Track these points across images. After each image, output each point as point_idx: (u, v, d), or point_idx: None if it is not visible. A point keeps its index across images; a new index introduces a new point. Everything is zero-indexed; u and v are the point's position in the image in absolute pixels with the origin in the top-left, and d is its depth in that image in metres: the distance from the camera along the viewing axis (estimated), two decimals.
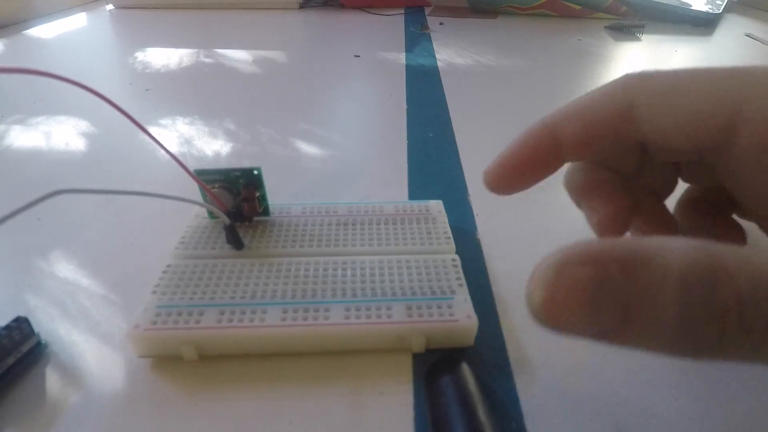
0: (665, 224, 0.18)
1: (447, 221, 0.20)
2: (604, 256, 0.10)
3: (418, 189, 0.25)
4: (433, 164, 0.28)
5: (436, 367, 0.15)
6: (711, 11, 0.61)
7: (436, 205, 0.21)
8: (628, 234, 0.18)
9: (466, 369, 0.14)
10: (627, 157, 0.18)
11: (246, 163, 0.28)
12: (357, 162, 0.28)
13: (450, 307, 0.16)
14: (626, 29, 0.57)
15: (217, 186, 0.18)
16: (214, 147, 0.29)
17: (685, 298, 0.10)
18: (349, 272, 0.17)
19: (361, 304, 0.16)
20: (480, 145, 0.30)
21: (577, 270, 0.10)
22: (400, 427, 0.14)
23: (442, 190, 0.25)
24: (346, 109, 0.36)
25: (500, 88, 0.40)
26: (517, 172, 0.17)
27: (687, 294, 0.10)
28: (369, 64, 0.46)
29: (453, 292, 0.16)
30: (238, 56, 0.47)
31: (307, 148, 0.30)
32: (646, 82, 0.15)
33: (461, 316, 0.15)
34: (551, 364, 0.15)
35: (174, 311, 0.15)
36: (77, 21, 0.62)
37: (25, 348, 0.15)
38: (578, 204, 0.19)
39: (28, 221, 0.22)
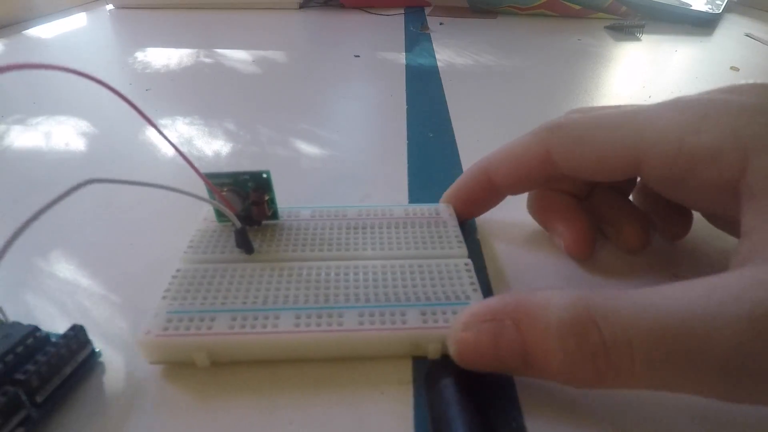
0: (632, 217, 0.20)
1: (457, 224, 0.20)
2: (499, 313, 0.13)
3: (418, 189, 0.25)
4: (433, 164, 0.28)
5: (435, 367, 0.15)
6: (711, 11, 0.61)
7: (446, 209, 0.21)
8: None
9: (466, 369, 0.14)
10: (575, 181, 0.20)
11: (246, 164, 0.28)
12: (357, 162, 0.28)
13: None
14: (626, 29, 0.57)
15: (225, 189, 0.18)
16: (214, 147, 0.29)
17: (564, 346, 0.12)
18: (361, 277, 0.17)
19: (375, 309, 0.16)
20: (480, 144, 0.30)
21: (479, 324, 0.13)
22: (400, 428, 0.14)
23: (441, 190, 0.25)
24: (346, 109, 0.36)
25: (500, 88, 0.40)
26: (467, 206, 0.21)
27: (564, 343, 0.12)
28: (369, 64, 0.46)
29: (468, 297, 0.16)
30: (238, 56, 0.47)
31: (307, 148, 0.30)
32: (556, 133, 0.18)
33: None
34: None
35: (185, 317, 0.15)
36: (77, 21, 0.62)
37: (81, 357, 0.15)
38: (543, 226, 0.22)
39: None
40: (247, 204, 0.19)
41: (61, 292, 0.18)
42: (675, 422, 0.14)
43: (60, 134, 0.31)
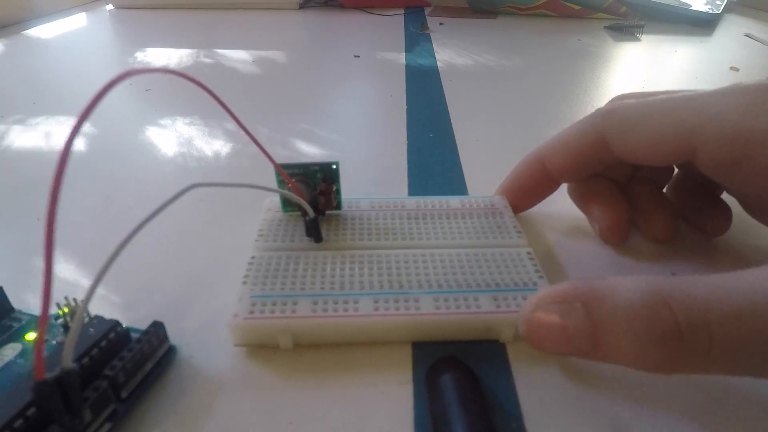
0: (663, 208, 0.20)
1: (513, 215, 0.20)
2: (570, 296, 0.13)
3: (418, 189, 0.25)
4: (432, 164, 0.28)
5: (436, 366, 0.15)
6: (710, 11, 0.61)
7: (501, 200, 0.21)
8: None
9: (466, 369, 0.14)
10: (620, 167, 0.20)
11: (246, 163, 0.28)
12: (357, 162, 0.28)
13: None
14: (626, 29, 0.57)
15: (295, 180, 0.19)
16: (214, 147, 0.29)
17: (632, 328, 0.12)
18: (430, 264, 0.18)
19: (449, 294, 0.16)
20: (480, 144, 0.30)
21: (549, 306, 0.14)
22: (400, 427, 0.14)
23: (442, 189, 0.25)
24: (346, 109, 0.36)
25: (500, 88, 0.40)
26: (522, 197, 0.21)
27: (632, 326, 0.12)
28: (369, 64, 0.46)
29: (534, 284, 0.17)
30: (238, 56, 0.48)
31: (306, 148, 0.30)
32: (611, 117, 0.18)
33: None
34: (551, 364, 0.15)
35: (269, 301, 0.16)
36: (77, 21, 0.62)
37: (160, 353, 0.15)
38: (581, 209, 0.22)
39: (28, 221, 0.22)
40: (314, 194, 0.19)
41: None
42: (675, 422, 0.14)
43: (60, 134, 0.31)
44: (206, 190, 0.16)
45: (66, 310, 0.15)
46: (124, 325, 0.15)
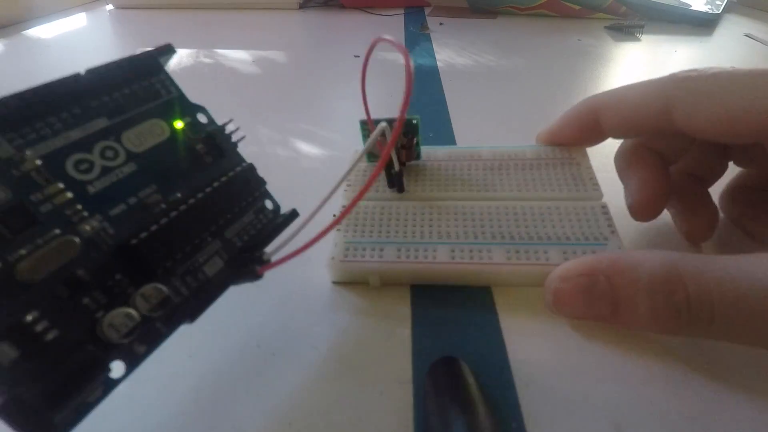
0: (704, 209, 0.20)
1: (591, 166, 0.20)
2: (594, 269, 0.15)
3: None
4: None
5: (436, 367, 0.15)
6: (710, 11, 0.61)
7: (579, 150, 0.21)
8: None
9: (466, 369, 0.14)
10: (672, 141, 0.19)
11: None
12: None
13: (604, 252, 0.17)
14: (626, 29, 0.57)
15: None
16: None
17: (651, 300, 0.14)
18: (503, 216, 0.19)
19: (520, 246, 0.17)
20: (480, 144, 0.30)
21: (574, 278, 0.15)
22: (399, 427, 0.14)
23: None
24: (346, 109, 0.36)
25: (500, 88, 0.40)
26: (565, 140, 0.21)
27: (652, 297, 0.14)
28: (369, 64, 0.46)
29: (606, 238, 0.17)
30: (238, 56, 0.47)
31: (306, 148, 0.30)
32: (684, 83, 0.17)
33: None
34: (551, 364, 0.15)
35: (360, 246, 0.18)
36: (77, 21, 0.62)
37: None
38: (620, 177, 0.21)
39: None
40: (397, 147, 0.20)
41: None
42: (675, 422, 0.14)
43: None
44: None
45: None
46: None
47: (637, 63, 0.47)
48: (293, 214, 0.17)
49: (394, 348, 0.16)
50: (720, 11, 0.62)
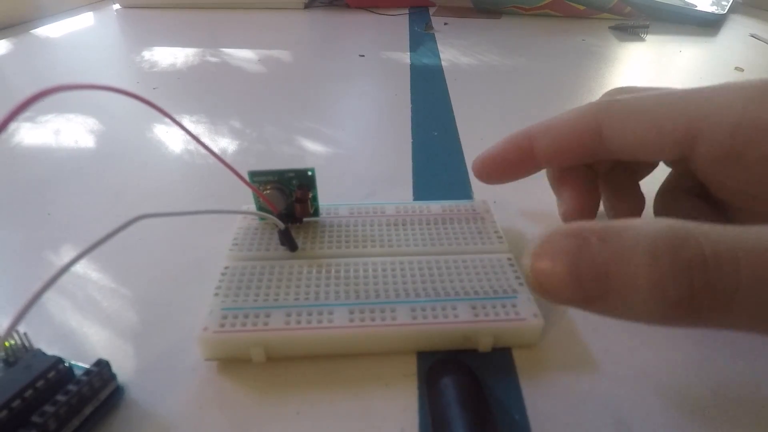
0: (631, 196, 0.20)
1: (495, 220, 0.20)
2: (585, 230, 0.12)
3: (423, 187, 0.25)
4: (437, 162, 0.28)
5: (436, 367, 0.15)
6: (716, 12, 0.61)
7: (483, 205, 0.21)
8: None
9: (466, 369, 0.14)
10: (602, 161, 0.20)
11: (252, 161, 0.28)
12: (362, 160, 0.28)
13: (514, 306, 0.16)
14: (630, 30, 0.57)
15: (269, 187, 0.18)
16: (220, 145, 0.30)
17: (656, 261, 0.11)
18: (408, 272, 0.17)
19: (426, 304, 0.16)
20: (484, 144, 0.30)
21: (560, 240, 0.12)
22: (404, 419, 0.14)
23: (446, 188, 0.25)
24: (351, 108, 0.36)
25: (504, 87, 0.40)
26: (499, 168, 0.21)
27: (656, 258, 0.11)
28: (373, 63, 0.46)
29: (515, 291, 0.16)
30: (244, 55, 0.48)
31: (312, 146, 0.30)
32: (611, 106, 0.17)
33: (527, 315, 0.15)
34: (552, 363, 0.16)
35: (240, 313, 0.15)
36: (84, 20, 0.63)
37: (103, 395, 0.14)
38: (554, 191, 0.22)
39: (40, 215, 0.23)
40: (290, 201, 0.19)
41: (72, 285, 0.19)
42: (676, 421, 0.14)
43: (69, 132, 0.31)
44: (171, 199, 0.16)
45: (11, 342, 0.13)
46: (67, 363, 0.13)
47: (641, 63, 0.47)
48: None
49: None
50: (725, 12, 0.62)
